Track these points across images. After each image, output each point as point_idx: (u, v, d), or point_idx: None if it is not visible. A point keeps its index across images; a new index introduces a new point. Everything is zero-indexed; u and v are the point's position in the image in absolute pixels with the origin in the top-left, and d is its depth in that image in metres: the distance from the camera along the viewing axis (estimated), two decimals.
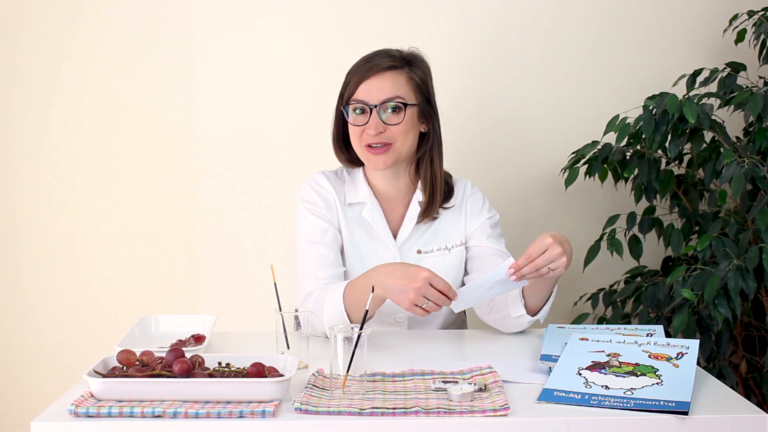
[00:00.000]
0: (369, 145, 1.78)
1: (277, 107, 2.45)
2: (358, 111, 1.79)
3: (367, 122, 1.77)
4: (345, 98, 1.82)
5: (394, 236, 1.87)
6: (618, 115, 2.16)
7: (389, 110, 1.77)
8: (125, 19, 2.43)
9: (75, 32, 2.43)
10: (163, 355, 1.32)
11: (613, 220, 2.26)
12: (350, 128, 1.81)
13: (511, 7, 2.43)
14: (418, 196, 1.87)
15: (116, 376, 1.27)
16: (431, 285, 1.51)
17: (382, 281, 1.55)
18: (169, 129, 2.46)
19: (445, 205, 1.89)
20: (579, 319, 2.26)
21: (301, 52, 2.44)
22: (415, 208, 1.87)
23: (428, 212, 1.86)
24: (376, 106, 1.77)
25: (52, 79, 2.45)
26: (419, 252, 1.86)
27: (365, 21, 2.42)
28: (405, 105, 1.78)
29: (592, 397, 1.28)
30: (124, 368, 1.31)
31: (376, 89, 1.77)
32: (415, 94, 1.81)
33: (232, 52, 2.44)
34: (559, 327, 1.69)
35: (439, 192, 1.86)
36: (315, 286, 1.76)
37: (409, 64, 1.81)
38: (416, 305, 1.53)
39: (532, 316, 1.71)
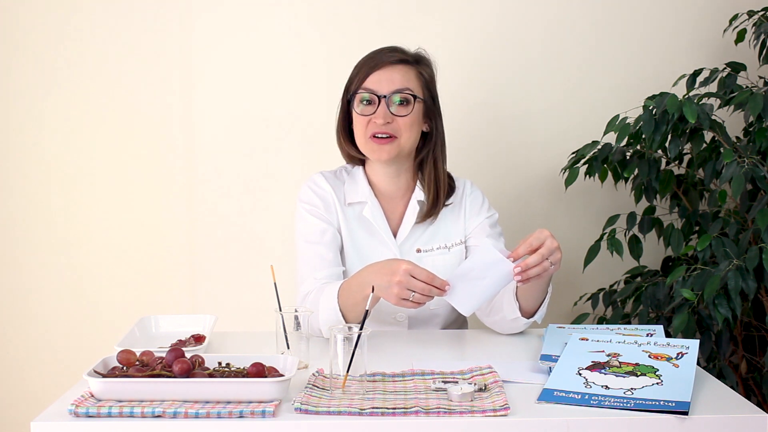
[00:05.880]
0: (374, 135, 1.78)
1: (276, 108, 2.45)
2: (365, 101, 1.78)
3: (375, 112, 1.77)
4: (352, 89, 1.81)
5: (394, 235, 1.87)
6: (618, 115, 2.16)
7: (398, 101, 1.78)
8: (125, 20, 2.43)
9: (74, 33, 2.43)
10: (163, 355, 1.32)
11: (613, 220, 2.26)
12: (356, 118, 1.81)
13: (511, 6, 2.43)
14: (418, 195, 1.87)
15: (116, 376, 1.27)
16: (414, 276, 1.50)
17: (372, 279, 1.54)
18: (169, 129, 2.46)
19: (445, 203, 1.89)
20: (579, 319, 2.26)
21: (300, 52, 2.44)
22: (414, 207, 1.87)
23: (431, 213, 1.86)
24: (385, 96, 1.77)
25: (51, 80, 2.45)
26: (419, 251, 1.86)
27: (363, 21, 2.42)
28: (414, 98, 1.79)
29: (592, 397, 1.28)
30: (124, 368, 1.31)
31: (386, 80, 1.77)
32: (423, 90, 1.82)
33: (231, 52, 2.44)
34: (559, 327, 1.69)
35: (442, 193, 1.87)
36: (313, 286, 1.76)
37: (417, 62, 1.83)
38: (403, 299, 1.52)
39: (528, 318, 1.71)
